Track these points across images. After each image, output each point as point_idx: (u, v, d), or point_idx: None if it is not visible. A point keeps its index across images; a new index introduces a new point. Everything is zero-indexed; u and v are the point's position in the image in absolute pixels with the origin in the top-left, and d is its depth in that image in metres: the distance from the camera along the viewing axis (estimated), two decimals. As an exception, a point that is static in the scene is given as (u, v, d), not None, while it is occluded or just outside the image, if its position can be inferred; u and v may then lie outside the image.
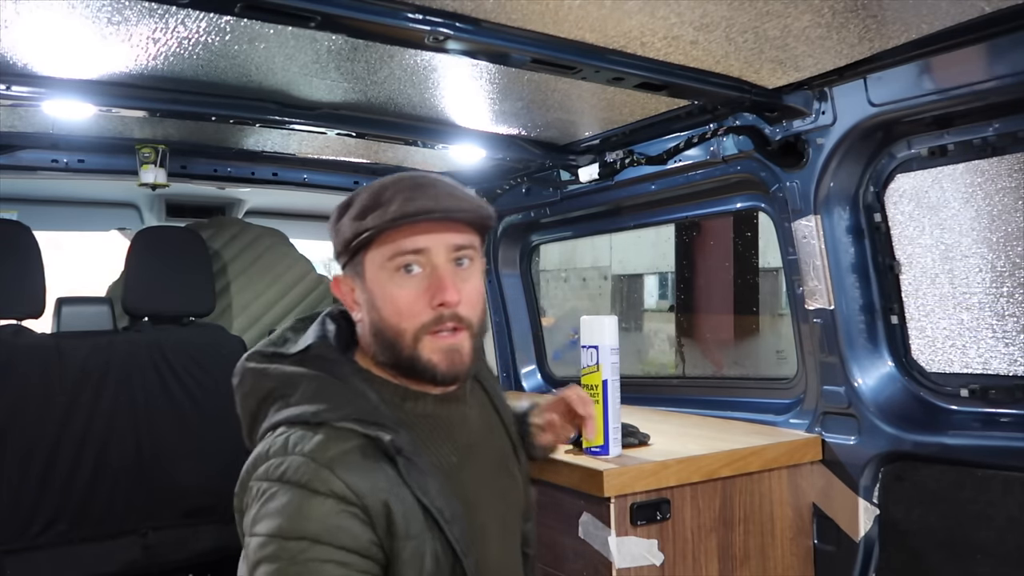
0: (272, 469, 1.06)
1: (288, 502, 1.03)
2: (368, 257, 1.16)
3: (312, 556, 1.00)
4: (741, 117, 1.97)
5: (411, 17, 1.36)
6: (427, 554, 1.07)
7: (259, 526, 1.04)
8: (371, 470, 1.06)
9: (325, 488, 1.03)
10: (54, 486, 2.33)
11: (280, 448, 1.08)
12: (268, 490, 1.05)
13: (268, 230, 3.22)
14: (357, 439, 1.08)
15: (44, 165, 2.49)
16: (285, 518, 1.02)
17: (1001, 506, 1.68)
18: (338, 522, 1.03)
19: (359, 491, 1.04)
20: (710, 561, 1.84)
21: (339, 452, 1.06)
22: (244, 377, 1.23)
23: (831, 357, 1.99)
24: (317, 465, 1.04)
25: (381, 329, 1.16)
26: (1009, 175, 1.70)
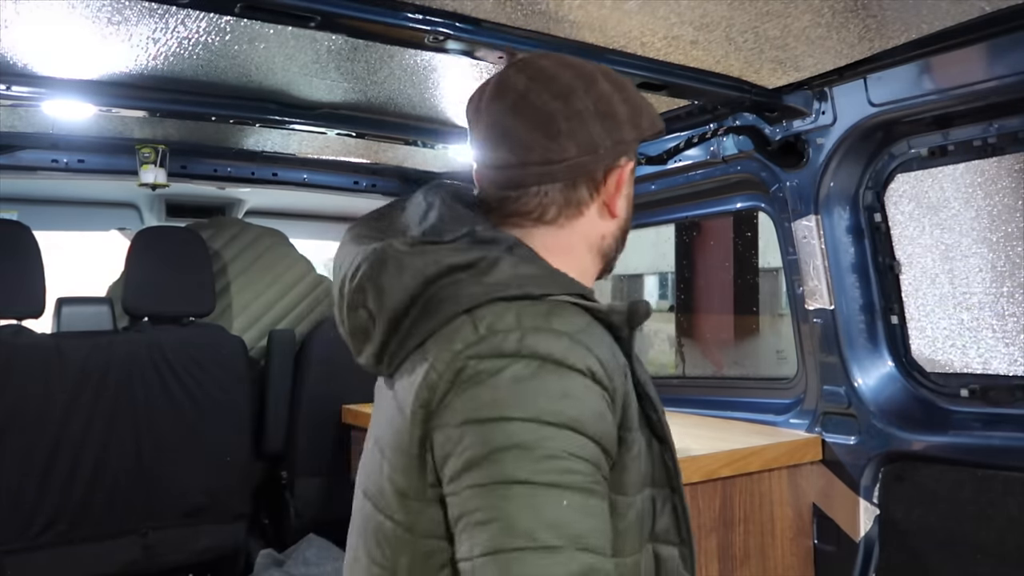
0: (500, 344, 0.85)
1: (542, 379, 0.83)
2: (629, 165, 1.05)
3: (576, 450, 0.82)
4: (741, 117, 1.97)
5: (411, 17, 1.36)
6: (643, 450, 0.94)
7: (493, 409, 0.82)
8: (613, 348, 0.91)
9: (583, 364, 0.85)
10: (54, 486, 2.33)
11: (503, 321, 0.86)
12: (504, 368, 0.84)
13: (268, 230, 3.22)
14: (586, 315, 0.91)
15: (44, 165, 2.50)
16: (545, 399, 0.82)
17: (1001, 506, 1.68)
18: (599, 407, 0.86)
19: (610, 371, 0.88)
20: (710, 561, 1.84)
21: (585, 324, 0.89)
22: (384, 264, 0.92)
23: (831, 357, 1.99)
24: (570, 338, 0.86)
25: (626, 229, 1.08)
26: (1009, 175, 1.70)
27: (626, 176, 1.03)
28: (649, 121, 1.03)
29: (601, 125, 0.97)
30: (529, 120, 0.96)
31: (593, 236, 1.04)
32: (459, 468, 0.83)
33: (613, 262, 1.09)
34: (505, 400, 0.83)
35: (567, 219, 1.01)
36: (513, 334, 0.85)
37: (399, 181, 3.08)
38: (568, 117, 0.96)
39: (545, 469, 0.81)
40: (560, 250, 1.01)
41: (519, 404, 0.82)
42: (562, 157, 0.96)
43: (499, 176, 1.00)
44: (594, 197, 1.01)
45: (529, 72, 0.99)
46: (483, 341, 0.86)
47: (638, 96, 1.03)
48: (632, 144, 1.01)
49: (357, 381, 2.78)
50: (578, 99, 0.97)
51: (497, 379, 0.83)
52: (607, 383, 0.87)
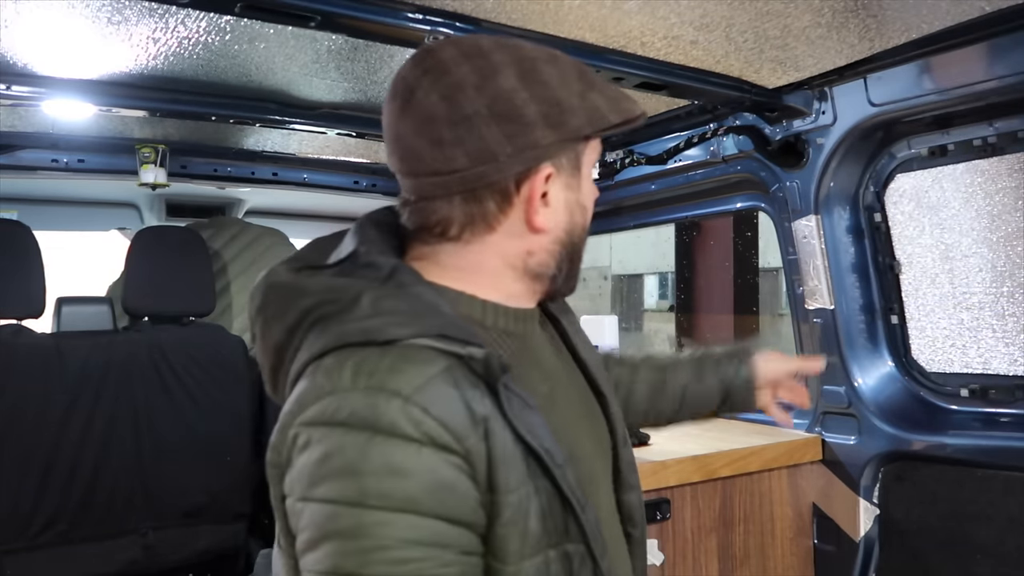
0: (331, 408, 0.76)
1: (367, 454, 0.73)
2: (588, 152, 0.92)
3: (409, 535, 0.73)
4: (741, 117, 1.97)
5: (411, 17, 1.36)
6: (531, 511, 0.80)
7: (322, 488, 0.74)
8: (467, 401, 0.77)
9: (418, 431, 0.74)
10: (54, 486, 2.33)
11: (339, 379, 0.77)
12: (329, 439, 0.75)
13: (268, 230, 3.22)
14: (443, 360, 0.78)
15: (44, 165, 2.50)
16: (367, 478, 0.73)
17: (1001, 506, 1.68)
18: (443, 478, 0.75)
19: (458, 432, 0.76)
20: (710, 561, 1.84)
21: (425, 379, 0.76)
22: (266, 297, 0.88)
23: (831, 357, 1.99)
24: (402, 400, 0.74)
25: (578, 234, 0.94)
26: (1009, 175, 1.70)
27: (543, 184, 0.87)
28: (586, 117, 0.87)
29: (499, 129, 0.83)
30: (414, 123, 0.85)
31: (513, 253, 0.90)
32: (301, 548, 0.77)
33: (559, 282, 0.95)
34: (333, 479, 0.74)
35: (473, 235, 0.88)
36: (344, 397, 0.76)
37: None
38: (453, 122, 0.82)
39: (374, 561, 0.72)
40: (467, 270, 0.89)
41: (346, 485, 0.73)
42: (451, 168, 0.83)
43: (403, 184, 0.89)
44: (506, 211, 0.87)
45: (426, 64, 0.86)
46: (317, 403, 0.77)
47: (567, 89, 0.87)
48: (551, 148, 0.85)
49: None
50: (467, 99, 0.83)
51: (325, 453, 0.75)
52: (455, 447, 0.75)
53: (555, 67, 0.88)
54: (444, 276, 0.89)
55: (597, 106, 0.88)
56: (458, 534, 0.76)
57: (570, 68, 0.89)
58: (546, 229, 0.89)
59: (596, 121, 0.88)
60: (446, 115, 0.83)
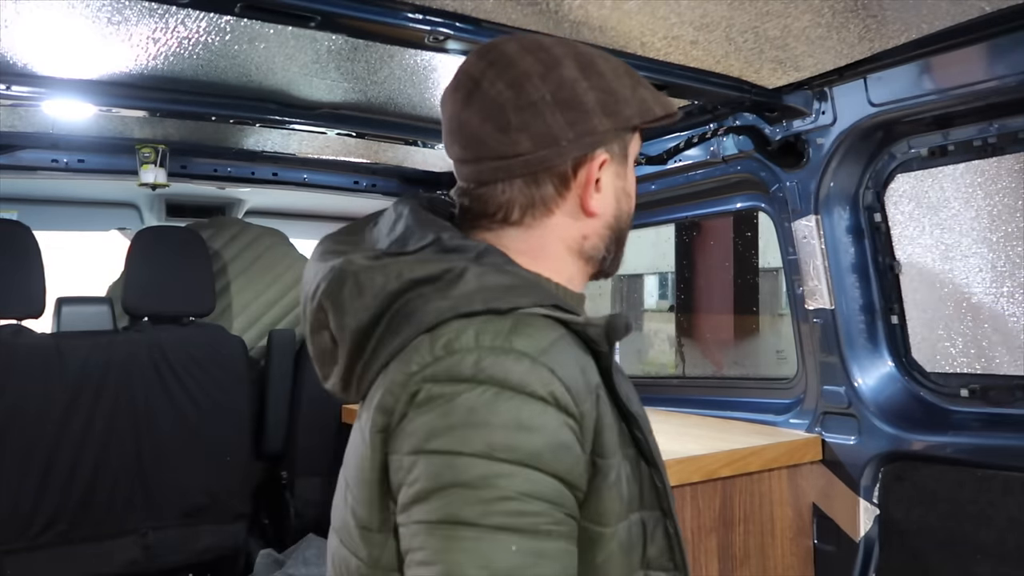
0: (456, 366, 0.77)
1: (495, 408, 0.75)
2: (634, 141, 0.98)
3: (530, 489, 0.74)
4: (741, 117, 1.97)
5: (411, 17, 1.36)
6: (623, 475, 0.84)
7: (444, 439, 0.75)
8: (584, 367, 0.81)
9: (545, 391, 0.76)
10: (54, 486, 2.33)
11: (463, 342, 0.78)
12: (454, 392, 0.76)
13: (268, 230, 3.22)
14: (559, 328, 0.82)
15: (44, 165, 2.50)
16: (495, 430, 0.74)
17: (1001, 506, 1.68)
18: (562, 439, 0.77)
19: (577, 395, 0.79)
20: (710, 561, 1.84)
21: (550, 343, 0.79)
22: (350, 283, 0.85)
23: (831, 357, 1.99)
24: (531, 360, 0.77)
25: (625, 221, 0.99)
26: (1009, 175, 1.69)
27: (598, 170, 0.92)
28: (637, 108, 0.93)
29: (563, 115, 0.88)
30: (480, 111, 0.89)
31: (571, 237, 0.94)
32: (408, 500, 0.77)
33: (607, 264, 1.00)
34: (457, 431, 0.75)
35: (535, 219, 0.92)
36: (470, 355, 0.77)
37: (399, 181, 3.08)
38: (520, 108, 0.87)
39: (494, 511, 0.73)
40: (532, 253, 0.93)
41: (471, 436, 0.74)
42: (515, 152, 0.88)
43: (462, 172, 0.93)
44: (564, 194, 0.92)
45: (490, 57, 0.91)
46: (438, 362, 0.78)
47: (620, 82, 0.93)
48: (607, 135, 0.91)
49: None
50: (533, 87, 0.88)
51: (450, 406, 0.76)
52: (573, 409, 0.78)
53: (608, 62, 0.95)
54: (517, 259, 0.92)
55: (645, 99, 0.95)
56: (568, 496, 0.78)
57: (619, 64, 0.96)
58: (598, 213, 0.94)
59: (645, 112, 0.95)
60: (512, 102, 0.88)
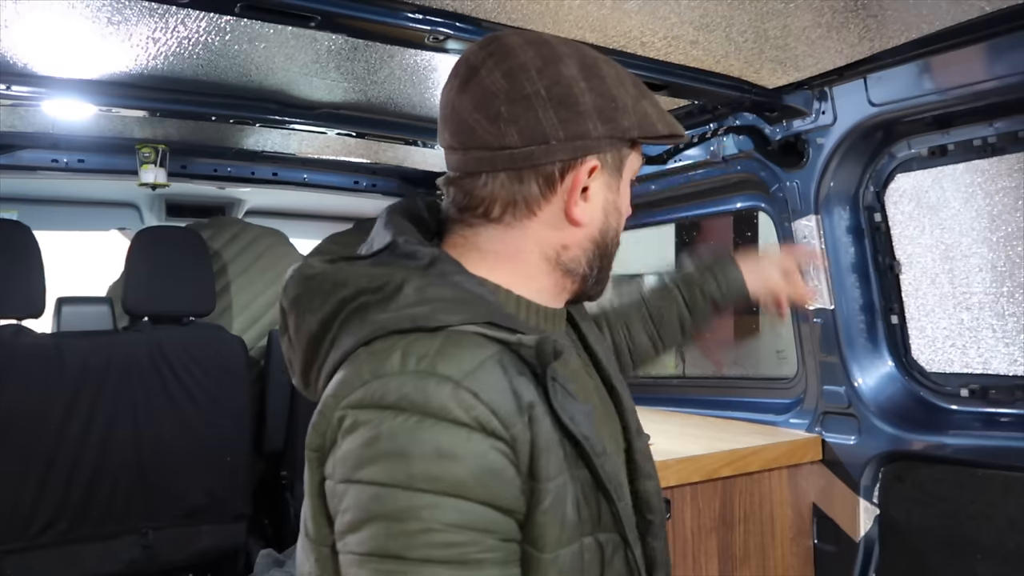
0: (381, 392, 0.76)
1: (416, 437, 0.73)
2: (631, 158, 0.94)
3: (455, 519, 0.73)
4: (741, 117, 1.97)
5: (411, 17, 1.36)
6: (568, 499, 0.80)
7: (369, 470, 0.74)
8: (514, 388, 0.78)
9: (468, 416, 0.74)
10: (54, 486, 2.33)
11: (388, 364, 0.77)
12: (378, 421, 0.75)
13: (268, 230, 3.22)
14: (492, 346, 0.79)
15: (44, 165, 2.50)
16: (416, 462, 0.73)
17: (1001, 506, 1.68)
18: (489, 464, 0.75)
19: (506, 418, 0.76)
20: (710, 561, 1.84)
21: (475, 364, 0.77)
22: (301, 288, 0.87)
23: (831, 357, 1.99)
24: (453, 384, 0.75)
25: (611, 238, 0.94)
26: (1009, 175, 1.69)
27: (587, 177, 0.88)
28: (636, 121, 0.89)
29: (555, 113, 0.85)
30: (473, 99, 0.86)
31: (549, 244, 0.90)
32: (341, 529, 0.77)
33: (590, 284, 0.95)
34: (380, 461, 0.74)
35: (515, 219, 0.88)
36: (394, 381, 0.76)
37: (399, 181, 3.08)
38: (512, 99, 0.84)
39: (418, 544, 0.72)
40: (506, 255, 0.90)
41: (394, 467, 0.73)
42: (502, 143, 0.85)
43: (450, 161, 0.91)
44: (548, 197, 0.87)
45: (491, 47, 0.88)
46: (366, 387, 0.76)
47: (623, 89, 0.89)
48: (601, 142, 0.87)
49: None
50: (528, 80, 0.85)
51: (375, 435, 0.74)
52: (503, 433, 0.76)
53: (613, 68, 0.91)
54: (483, 264, 0.90)
55: (647, 113, 0.90)
56: (502, 521, 0.76)
57: (626, 73, 0.92)
58: (582, 223, 0.90)
59: (645, 126, 0.90)
60: (506, 92, 0.85)
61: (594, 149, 0.87)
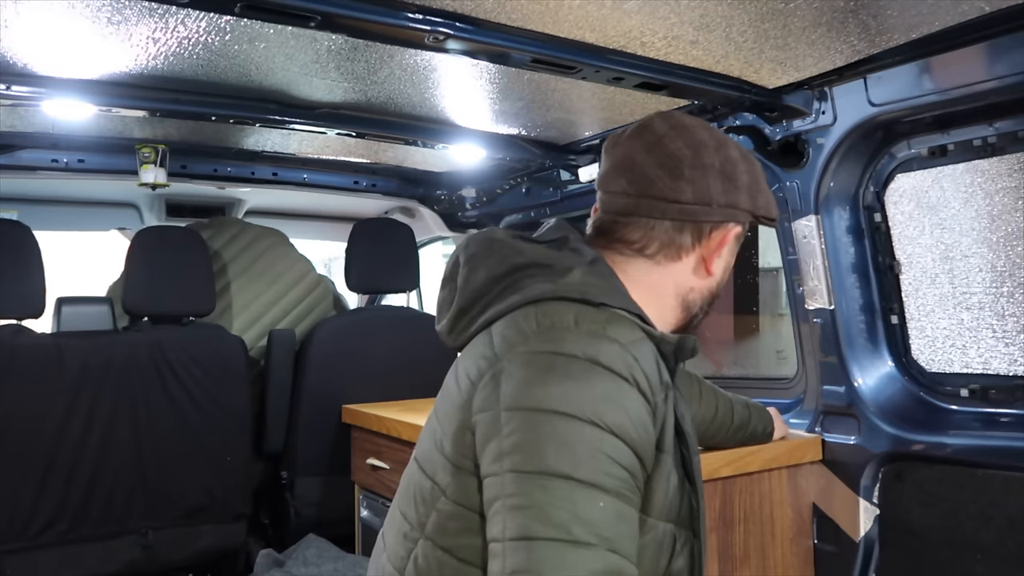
0: (558, 340, 0.90)
1: (587, 380, 0.87)
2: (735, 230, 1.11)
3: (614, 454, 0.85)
4: (741, 117, 1.97)
5: (411, 17, 1.36)
6: (672, 475, 0.95)
7: (543, 400, 0.86)
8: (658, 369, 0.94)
9: (630, 374, 0.89)
10: (54, 486, 2.33)
11: (563, 320, 0.92)
12: (557, 364, 0.88)
13: (268, 230, 3.22)
14: (641, 332, 0.95)
15: (44, 165, 2.50)
16: (591, 399, 0.86)
17: (1001, 506, 1.68)
18: (642, 416, 0.89)
19: (655, 386, 0.91)
20: (710, 561, 1.84)
21: (636, 337, 0.93)
22: (485, 247, 1.05)
23: (831, 357, 1.99)
24: (620, 346, 0.89)
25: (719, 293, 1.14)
26: (1009, 175, 1.69)
27: (730, 239, 1.08)
28: (765, 202, 1.10)
29: (722, 184, 1.05)
30: (658, 159, 1.05)
31: (683, 285, 1.09)
32: (502, 451, 0.87)
33: (695, 321, 1.13)
34: (555, 395, 0.86)
35: (665, 258, 1.07)
36: (571, 333, 0.90)
37: (399, 181, 3.08)
38: (694, 166, 1.04)
39: (586, 468, 0.84)
40: (649, 285, 1.07)
41: (568, 401, 0.85)
42: (677, 198, 1.03)
43: (617, 202, 1.08)
44: (695, 247, 1.07)
45: (671, 122, 1.09)
46: (542, 334, 0.91)
47: (762, 177, 1.11)
48: (743, 213, 1.08)
49: (357, 381, 2.79)
50: (708, 154, 1.05)
51: (550, 373, 0.87)
52: (650, 396, 0.90)
53: (756, 160, 1.13)
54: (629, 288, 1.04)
55: (771, 200, 1.13)
56: (641, 469, 0.90)
57: (759, 165, 1.13)
58: (713, 275, 1.10)
59: (769, 209, 1.12)
60: (691, 160, 1.04)
61: (739, 218, 1.09)
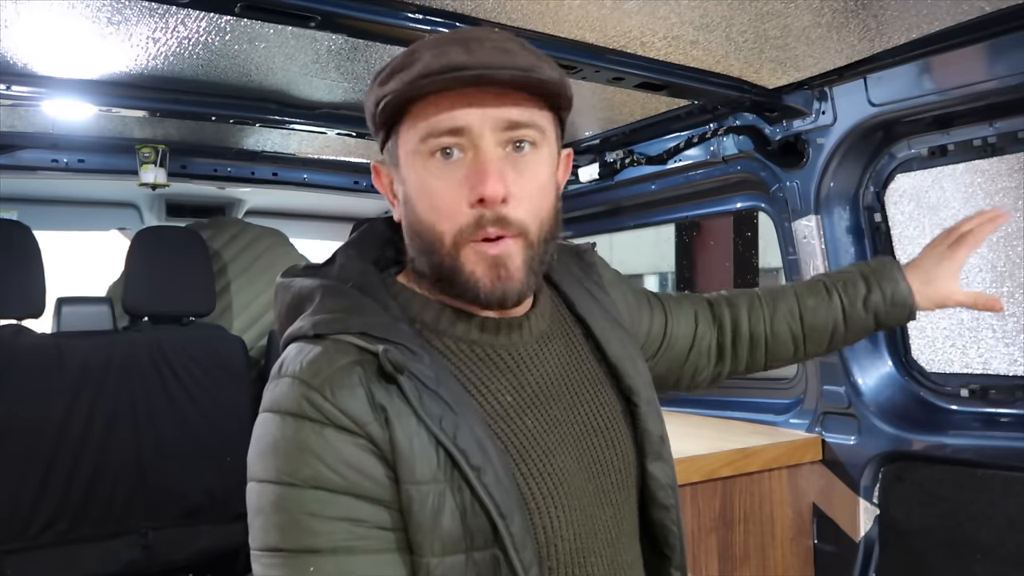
0: (268, 395, 0.85)
1: (282, 435, 0.80)
2: (401, 138, 0.91)
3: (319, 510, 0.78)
4: (741, 117, 1.97)
5: (411, 17, 1.36)
6: (445, 509, 0.80)
7: (254, 468, 0.83)
8: (370, 390, 0.82)
9: (318, 414, 0.80)
10: (54, 486, 2.33)
11: (275, 369, 0.87)
12: (263, 423, 0.84)
13: (268, 230, 3.22)
14: (356, 354, 0.84)
15: (44, 165, 2.50)
16: (281, 457, 0.80)
17: (1001, 506, 1.68)
18: (350, 458, 0.80)
19: (357, 416, 0.80)
20: (710, 561, 1.84)
21: (333, 369, 0.82)
22: (275, 295, 0.99)
23: (831, 357, 1.99)
24: (307, 386, 0.81)
25: (418, 231, 0.91)
26: (1009, 175, 1.69)
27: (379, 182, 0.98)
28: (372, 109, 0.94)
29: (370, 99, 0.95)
30: None
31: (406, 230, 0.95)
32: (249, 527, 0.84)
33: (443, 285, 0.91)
34: (258, 459, 0.82)
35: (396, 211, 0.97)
36: (275, 384, 0.85)
37: (399, 181, 3.07)
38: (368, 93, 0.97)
39: (292, 534, 0.78)
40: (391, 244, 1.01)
41: (266, 463, 0.81)
42: None
43: None
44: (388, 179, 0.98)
45: None
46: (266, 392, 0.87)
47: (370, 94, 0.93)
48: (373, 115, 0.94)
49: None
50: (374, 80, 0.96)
51: (257, 435, 0.84)
52: (358, 431, 0.80)
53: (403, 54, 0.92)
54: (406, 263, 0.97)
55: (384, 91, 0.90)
56: (369, 510, 0.80)
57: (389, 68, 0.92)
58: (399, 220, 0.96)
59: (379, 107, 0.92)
60: None
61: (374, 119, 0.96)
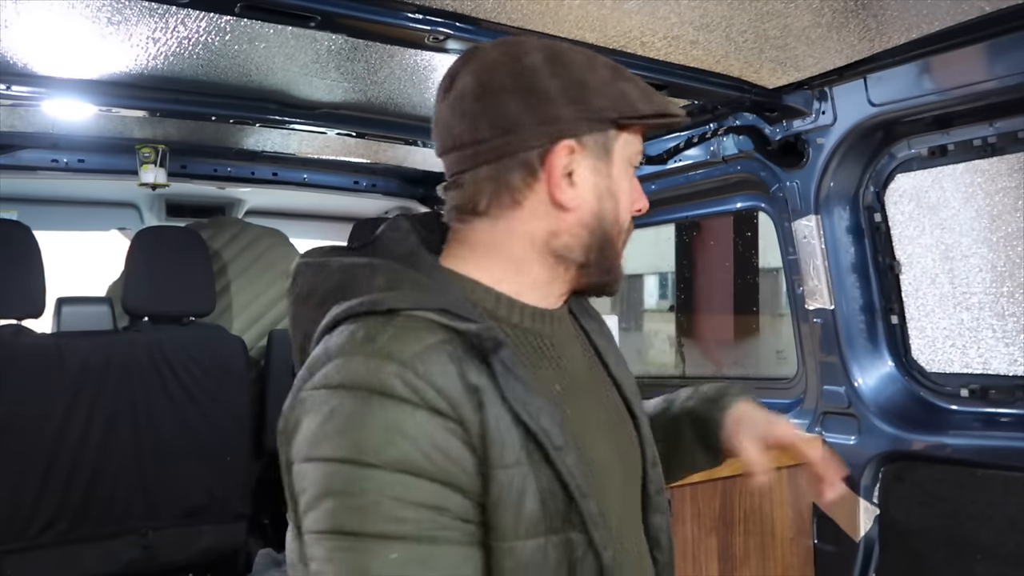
0: (334, 372, 0.78)
1: (364, 413, 0.75)
2: (623, 141, 0.92)
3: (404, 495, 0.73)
4: (741, 117, 1.97)
5: (411, 17, 1.36)
6: (528, 492, 0.79)
7: (324, 447, 0.76)
8: (463, 371, 0.78)
9: (413, 394, 0.75)
10: (54, 486, 2.33)
11: (342, 346, 0.79)
12: (332, 400, 0.77)
13: (268, 230, 3.22)
14: (442, 332, 0.80)
15: (44, 165, 2.50)
16: (361, 435, 0.74)
17: (1001, 506, 1.68)
18: (440, 442, 0.75)
19: (453, 399, 0.77)
20: (710, 561, 1.84)
21: (423, 347, 0.78)
22: (298, 275, 0.91)
23: (831, 357, 1.99)
24: (398, 364, 0.76)
25: (604, 219, 0.92)
26: (1009, 175, 1.70)
27: (563, 162, 0.86)
28: (611, 101, 0.87)
29: (520, 101, 0.85)
30: (450, 103, 0.89)
31: (539, 233, 0.89)
32: (303, 508, 0.79)
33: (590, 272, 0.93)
34: (332, 438, 0.75)
35: (502, 210, 0.88)
36: (346, 361, 0.78)
37: (399, 181, 3.08)
38: (479, 96, 0.86)
39: (371, 518, 0.73)
40: (495, 246, 0.90)
41: (344, 443, 0.75)
42: (475, 138, 0.86)
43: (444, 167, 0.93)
44: (532, 185, 0.87)
45: (467, 56, 0.91)
46: (318, 368, 0.80)
47: (594, 74, 0.88)
48: (573, 124, 0.86)
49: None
50: (498, 76, 0.86)
51: (323, 413, 0.77)
52: (451, 413, 0.76)
53: (584, 55, 0.90)
54: (471, 256, 0.91)
55: (625, 93, 0.89)
56: (455, 499, 0.76)
57: (601, 60, 0.91)
58: (570, 208, 0.89)
59: (622, 106, 0.88)
60: (472, 90, 0.86)
61: (568, 133, 0.86)
